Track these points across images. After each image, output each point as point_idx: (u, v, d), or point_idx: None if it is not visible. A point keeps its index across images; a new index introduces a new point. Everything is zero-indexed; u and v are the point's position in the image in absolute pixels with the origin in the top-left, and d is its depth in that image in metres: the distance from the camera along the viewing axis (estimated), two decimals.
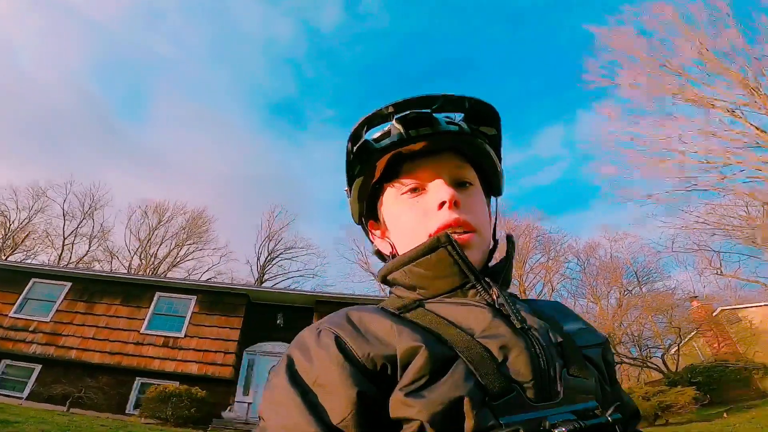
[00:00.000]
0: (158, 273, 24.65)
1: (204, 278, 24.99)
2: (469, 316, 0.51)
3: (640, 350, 17.88)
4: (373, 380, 0.44)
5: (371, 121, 0.58)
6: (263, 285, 23.59)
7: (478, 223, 0.58)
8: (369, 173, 0.63)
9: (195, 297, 11.15)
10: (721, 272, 15.16)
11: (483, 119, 0.62)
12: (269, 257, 28.38)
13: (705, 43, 12.09)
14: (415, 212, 0.59)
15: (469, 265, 0.53)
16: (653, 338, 18.33)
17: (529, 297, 0.69)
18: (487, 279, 0.54)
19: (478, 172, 0.65)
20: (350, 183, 0.66)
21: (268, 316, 11.42)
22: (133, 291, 10.80)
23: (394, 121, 0.58)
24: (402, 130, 0.58)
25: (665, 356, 16.31)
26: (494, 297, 0.53)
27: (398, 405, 0.42)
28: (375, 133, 0.61)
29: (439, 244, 0.53)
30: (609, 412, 0.45)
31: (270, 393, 0.46)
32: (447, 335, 0.48)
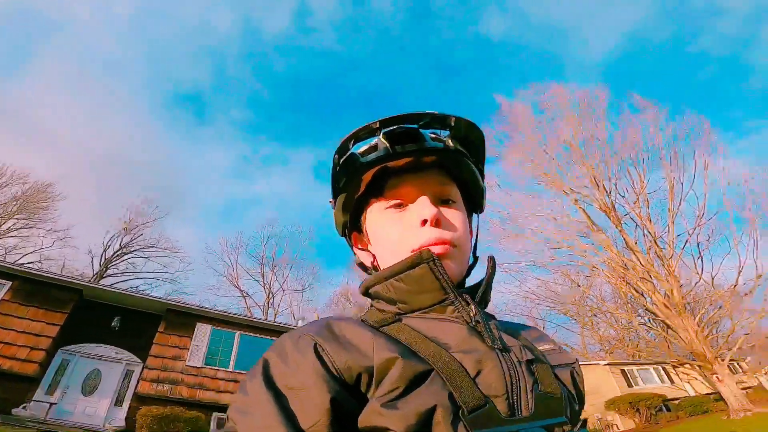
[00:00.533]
0: None
1: (25, 261, 20.69)
2: (446, 331, 0.53)
3: None
4: (349, 389, 0.45)
5: (359, 135, 0.60)
6: (102, 281, 20.54)
7: (457, 239, 0.60)
8: (354, 186, 0.64)
9: (10, 283, 9.39)
10: None
11: (467, 137, 0.64)
12: (120, 251, 24.78)
13: (576, 131, 14.48)
14: (398, 228, 0.61)
15: (449, 282, 0.55)
16: None
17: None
18: (465, 296, 0.57)
19: (461, 189, 0.68)
20: (335, 195, 0.67)
21: (104, 317, 10.20)
22: None
23: (381, 136, 0.60)
24: (388, 145, 0.60)
25: None
26: (471, 315, 0.55)
27: (373, 415, 0.43)
28: (361, 147, 0.62)
29: (422, 260, 0.55)
30: (577, 427, 0.49)
31: (242, 395, 0.46)
32: (423, 349, 0.50)
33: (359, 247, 0.70)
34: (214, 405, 9.69)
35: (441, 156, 0.63)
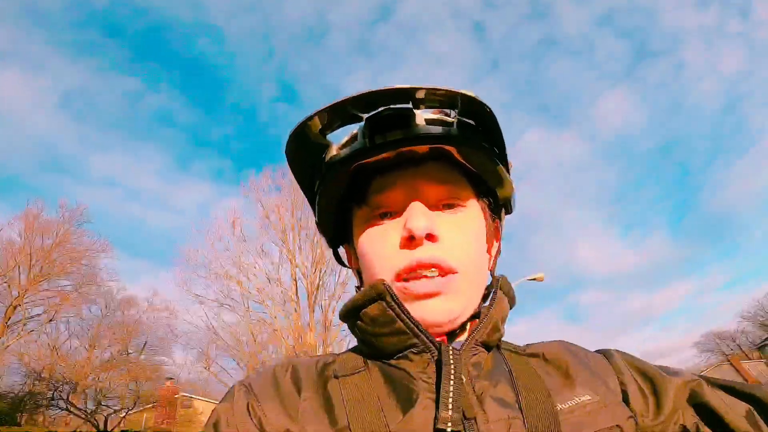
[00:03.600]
0: None
1: None
2: (402, 393, 0.41)
3: (97, 405, 18.76)
4: None
5: (327, 119, 0.43)
6: None
7: (462, 261, 0.45)
8: (331, 190, 0.50)
9: None
10: (208, 368, 16.64)
11: (477, 116, 0.46)
12: None
13: (282, 214, 13.60)
14: (381, 247, 0.47)
15: (411, 323, 0.42)
16: (118, 398, 19.82)
17: (528, 343, 0.54)
18: (440, 342, 0.42)
19: (475, 187, 0.51)
20: (311, 201, 0.54)
21: None
22: None
23: (363, 125, 0.45)
24: (366, 136, 0.45)
25: (109, 417, 18.64)
26: (451, 373, 0.40)
27: None
28: (329, 132, 0.46)
29: (377, 295, 0.44)
30: None
31: None
32: (359, 419, 0.39)
33: (351, 264, 0.58)
34: None
35: (442, 143, 0.46)
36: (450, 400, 0.38)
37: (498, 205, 0.56)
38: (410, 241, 0.44)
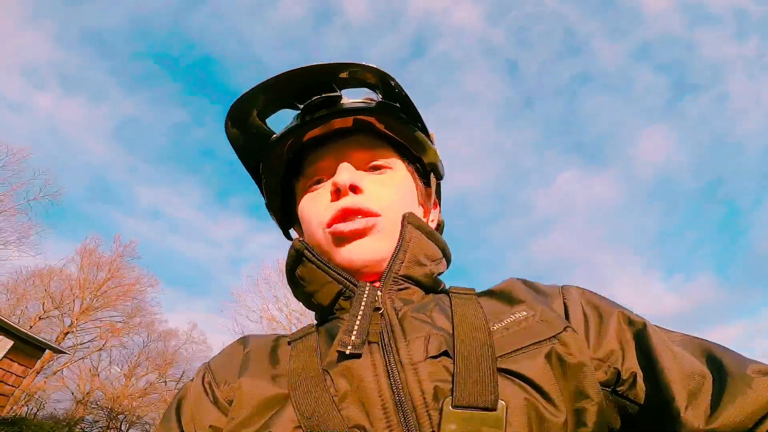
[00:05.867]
0: None
1: None
2: (334, 335, 0.43)
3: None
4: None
5: (263, 109, 0.50)
6: None
7: (384, 207, 0.48)
8: (272, 169, 0.55)
9: None
10: None
11: (394, 93, 0.51)
12: None
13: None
14: (314, 206, 0.51)
15: (331, 269, 0.45)
16: (152, 425, 19.94)
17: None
18: (365, 283, 0.44)
19: (402, 155, 0.56)
20: (258, 183, 0.58)
21: None
22: None
23: (299, 111, 0.51)
24: (297, 117, 0.52)
25: None
26: (360, 300, 0.42)
27: None
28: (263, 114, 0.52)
29: (294, 253, 0.48)
30: None
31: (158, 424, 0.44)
32: (294, 365, 0.41)
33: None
34: None
35: (364, 116, 0.52)
36: (355, 326, 0.39)
37: (426, 171, 0.60)
38: (337, 194, 0.48)
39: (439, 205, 0.64)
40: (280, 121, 0.55)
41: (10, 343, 7.29)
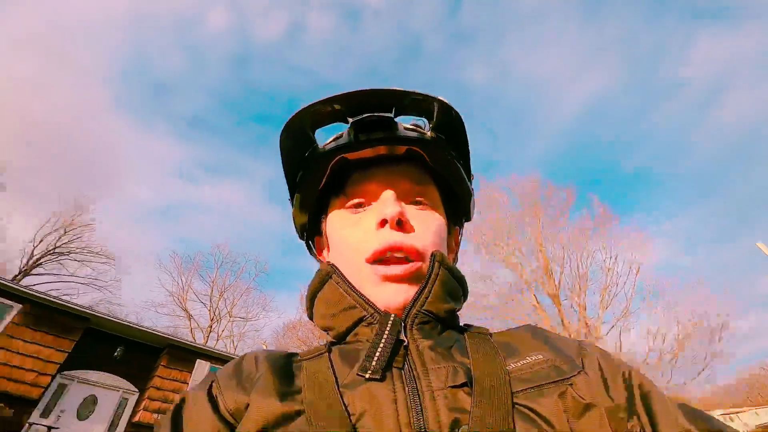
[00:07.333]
0: None
1: None
2: (352, 360, 0.43)
3: None
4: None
5: (317, 116, 0.49)
6: (25, 280, 19.36)
7: (426, 253, 0.48)
8: (312, 181, 0.55)
9: (20, 306, 9.71)
10: None
11: (450, 128, 0.51)
12: (54, 250, 21.68)
13: (540, 223, 16.07)
14: (355, 232, 0.51)
15: (358, 296, 0.46)
16: None
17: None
18: (390, 313, 0.44)
19: (441, 191, 0.57)
20: (291, 191, 0.57)
21: (108, 345, 10.59)
22: None
23: (348, 124, 0.50)
24: (350, 134, 0.51)
25: None
26: (385, 333, 0.42)
27: None
28: (319, 130, 0.51)
29: (324, 276, 0.49)
30: None
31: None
32: (310, 386, 0.41)
33: (321, 256, 0.62)
34: None
35: (418, 147, 0.53)
36: (377, 353, 0.40)
37: (459, 213, 0.62)
38: (383, 225, 0.48)
39: (460, 245, 0.65)
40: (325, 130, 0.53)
41: None
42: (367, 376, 0.39)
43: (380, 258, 0.47)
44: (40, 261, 21.59)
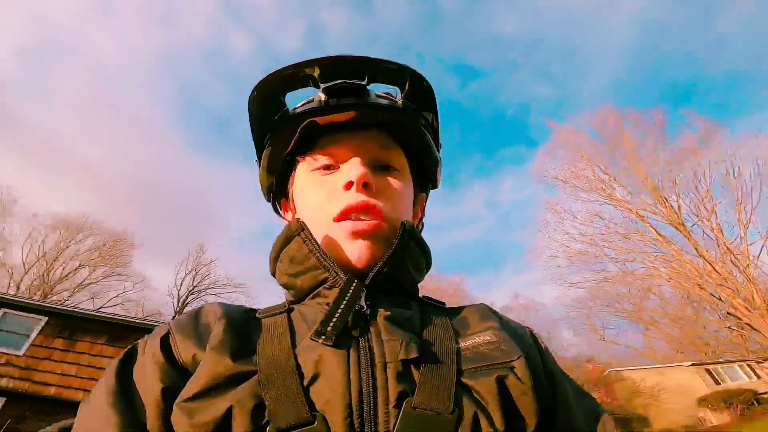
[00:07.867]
0: (53, 292, 21.59)
1: (109, 305, 22.77)
2: (311, 321, 0.44)
3: None
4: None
5: (289, 80, 0.50)
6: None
7: (391, 214, 0.50)
8: (280, 143, 0.55)
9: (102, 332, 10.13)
10: (604, 338, 20.18)
11: (421, 98, 0.54)
12: (193, 289, 25.55)
13: (634, 151, 15.38)
14: (321, 192, 0.52)
15: (323, 257, 0.46)
16: None
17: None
18: (353, 278, 0.44)
19: (409, 159, 0.58)
20: (259, 152, 0.58)
21: None
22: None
23: (319, 89, 0.51)
24: (322, 98, 0.51)
25: None
26: (344, 294, 0.43)
27: (174, 416, 0.37)
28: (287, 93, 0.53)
29: (291, 232, 0.48)
30: None
31: (99, 382, 0.42)
32: (263, 345, 0.41)
33: (287, 216, 0.62)
34: None
35: (387, 115, 0.53)
36: (335, 318, 0.40)
37: (426, 180, 0.63)
38: (349, 187, 0.49)
39: (425, 211, 0.66)
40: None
41: None
42: (320, 341, 0.39)
43: (347, 217, 0.48)
44: (187, 301, 24.90)
